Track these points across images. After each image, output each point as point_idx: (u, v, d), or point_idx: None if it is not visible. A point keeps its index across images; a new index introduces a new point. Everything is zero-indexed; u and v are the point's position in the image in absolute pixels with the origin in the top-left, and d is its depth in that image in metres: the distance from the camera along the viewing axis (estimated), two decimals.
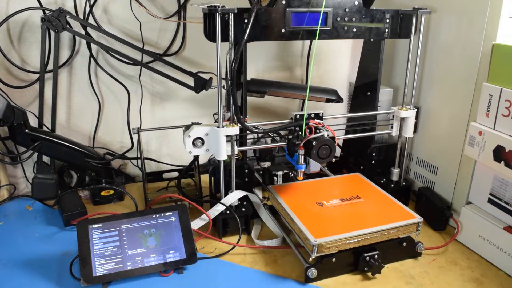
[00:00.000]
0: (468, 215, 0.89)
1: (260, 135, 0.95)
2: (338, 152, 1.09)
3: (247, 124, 0.86)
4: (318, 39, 0.87)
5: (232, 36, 0.81)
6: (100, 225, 0.79)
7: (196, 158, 1.05)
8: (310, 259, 0.77)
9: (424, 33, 0.96)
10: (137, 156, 1.19)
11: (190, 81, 1.07)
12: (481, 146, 0.83)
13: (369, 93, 1.05)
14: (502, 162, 0.79)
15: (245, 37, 0.80)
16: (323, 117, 0.92)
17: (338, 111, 1.32)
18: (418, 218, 0.82)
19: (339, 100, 1.08)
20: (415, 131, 1.02)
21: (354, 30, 0.91)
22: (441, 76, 0.98)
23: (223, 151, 0.86)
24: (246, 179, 0.97)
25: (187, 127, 0.87)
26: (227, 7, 0.78)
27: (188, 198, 0.97)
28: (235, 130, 0.85)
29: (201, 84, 1.07)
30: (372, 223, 0.80)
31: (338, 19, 0.89)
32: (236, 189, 0.91)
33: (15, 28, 1.04)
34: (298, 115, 0.88)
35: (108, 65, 1.13)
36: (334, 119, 1.01)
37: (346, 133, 1.04)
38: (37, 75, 1.04)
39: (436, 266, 0.83)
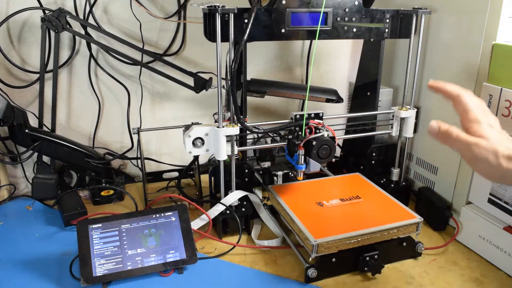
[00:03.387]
0: (468, 215, 0.89)
1: (260, 135, 0.95)
2: (338, 152, 1.09)
3: (247, 124, 0.86)
4: (318, 39, 0.87)
5: (232, 36, 0.81)
6: (100, 225, 0.79)
7: (196, 158, 1.05)
8: (310, 259, 0.77)
9: (424, 33, 0.96)
10: (137, 156, 1.19)
11: (190, 81, 1.07)
12: None
13: (369, 93, 1.05)
14: None
15: (245, 37, 0.80)
16: (323, 117, 0.92)
17: (338, 111, 1.32)
18: (418, 218, 0.82)
19: (339, 100, 1.08)
20: (415, 131, 1.02)
21: (354, 30, 0.91)
22: (441, 76, 0.98)
23: (223, 151, 0.86)
24: (246, 179, 0.97)
25: (187, 127, 0.87)
26: (227, 7, 0.78)
27: (188, 198, 0.97)
28: (235, 130, 0.85)
29: (201, 84, 1.07)
30: (372, 223, 0.80)
31: (338, 19, 0.89)
32: (236, 189, 0.91)
33: (15, 28, 1.04)
34: (298, 115, 0.88)
35: (108, 65, 1.13)
36: (334, 119, 1.01)
37: (346, 133, 1.04)
38: (37, 75, 1.04)
39: (436, 266, 0.83)
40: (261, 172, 1.03)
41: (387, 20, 0.94)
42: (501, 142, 0.54)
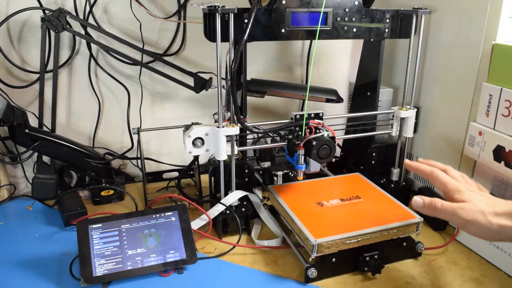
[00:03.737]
0: None
1: (260, 135, 0.95)
2: (338, 152, 1.09)
3: (247, 124, 0.86)
4: (318, 39, 0.87)
5: (232, 36, 0.81)
6: (100, 225, 0.79)
7: (196, 158, 1.05)
8: (310, 259, 0.77)
9: (424, 33, 0.96)
10: (137, 156, 1.19)
11: (190, 81, 1.07)
12: (481, 146, 0.83)
13: (369, 93, 1.05)
14: (502, 162, 0.79)
15: (245, 37, 0.80)
16: (323, 117, 0.92)
17: (338, 111, 1.32)
18: (418, 218, 0.82)
19: (339, 100, 1.08)
20: (415, 131, 1.02)
21: (354, 30, 0.91)
22: (441, 76, 0.98)
23: (223, 151, 0.86)
24: (246, 179, 0.97)
25: (187, 127, 0.87)
26: (227, 7, 0.78)
27: (188, 198, 0.97)
28: (235, 130, 0.85)
29: (201, 84, 1.07)
30: (372, 223, 0.80)
31: (338, 19, 0.89)
32: (236, 189, 0.91)
33: (15, 28, 1.04)
34: (298, 115, 0.88)
35: (108, 65, 1.13)
36: (334, 119, 1.01)
37: (346, 133, 1.04)
38: (37, 75, 1.04)
39: (436, 266, 0.83)
40: (261, 172, 1.03)
41: (387, 20, 0.94)
42: (484, 202, 0.59)
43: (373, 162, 1.07)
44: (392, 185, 1.04)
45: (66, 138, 1.05)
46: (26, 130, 0.97)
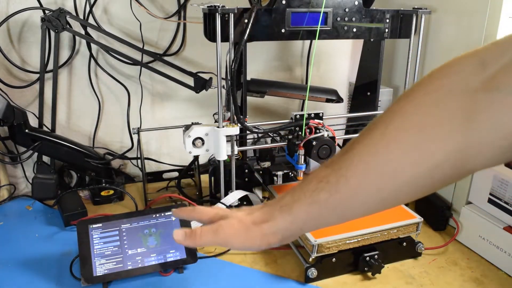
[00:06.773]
0: (468, 215, 0.89)
1: (260, 135, 0.95)
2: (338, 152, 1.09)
3: (247, 124, 0.86)
4: (318, 39, 0.87)
5: (232, 36, 0.81)
6: (100, 225, 0.79)
7: (196, 158, 1.05)
8: (310, 259, 0.77)
9: (424, 33, 0.96)
10: (137, 156, 1.19)
11: (190, 81, 1.07)
12: None
13: (369, 93, 1.05)
14: None
15: (245, 37, 0.80)
16: (323, 117, 0.93)
17: (338, 111, 1.32)
18: (418, 218, 0.82)
19: (339, 100, 1.08)
20: None
21: (354, 30, 0.91)
22: None
23: (223, 151, 0.86)
24: (246, 179, 0.97)
25: (187, 127, 0.88)
26: (227, 7, 0.78)
27: (188, 198, 0.97)
28: (235, 130, 0.85)
29: (201, 84, 1.07)
30: (372, 223, 0.80)
31: (338, 19, 0.89)
32: (236, 189, 0.91)
33: (15, 28, 1.04)
34: (298, 115, 0.88)
35: (108, 65, 1.13)
36: (334, 119, 1.01)
37: (346, 133, 1.04)
38: (37, 75, 1.04)
39: (436, 266, 0.83)
40: (261, 172, 1.03)
41: (387, 20, 0.94)
42: (239, 213, 0.55)
43: None
44: None
45: (66, 138, 1.05)
46: (26, 130, 0.97)
